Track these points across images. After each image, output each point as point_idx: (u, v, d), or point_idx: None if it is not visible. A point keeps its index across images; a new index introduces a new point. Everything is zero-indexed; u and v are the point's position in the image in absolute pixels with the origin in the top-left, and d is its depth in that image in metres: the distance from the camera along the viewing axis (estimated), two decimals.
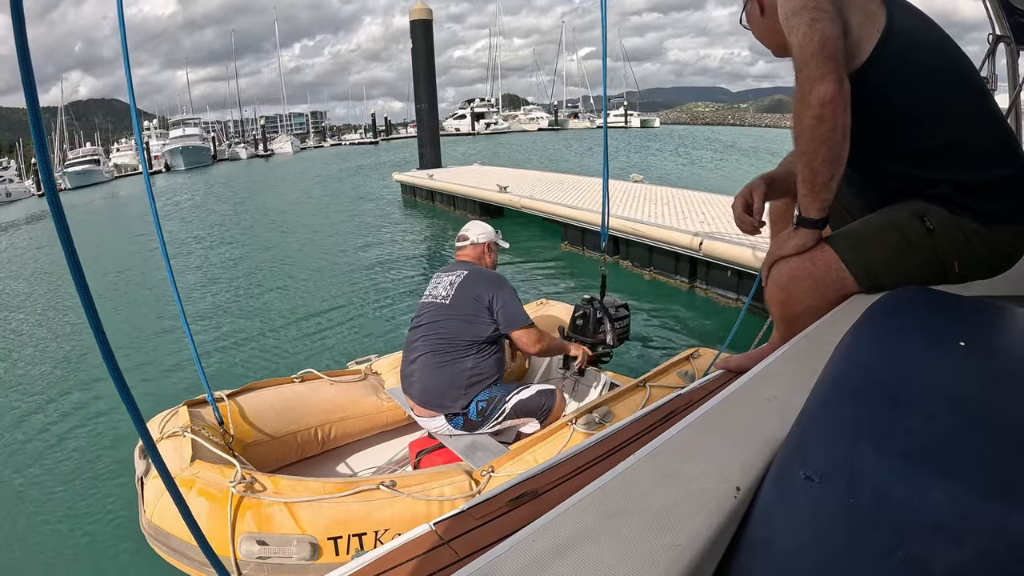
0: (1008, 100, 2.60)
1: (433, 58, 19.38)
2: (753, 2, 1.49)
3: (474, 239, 2.85)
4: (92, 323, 0.65)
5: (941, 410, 0.65)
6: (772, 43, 1.50)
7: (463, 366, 2.52)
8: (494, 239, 2.90)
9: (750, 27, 1.55)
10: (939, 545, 0.48)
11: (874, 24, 1.25)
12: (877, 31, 1.24)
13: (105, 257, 11.37)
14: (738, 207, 1.66)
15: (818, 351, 0.88)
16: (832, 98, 1.20)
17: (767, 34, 1.50)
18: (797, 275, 1.33)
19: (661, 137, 50.24)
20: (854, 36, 1.25)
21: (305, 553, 1.90)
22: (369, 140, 76.33)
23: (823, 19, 1.22)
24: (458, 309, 2.56)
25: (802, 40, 1.23)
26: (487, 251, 2.87)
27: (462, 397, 2.52)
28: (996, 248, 1.26)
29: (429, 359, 2.55)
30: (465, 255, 2.85)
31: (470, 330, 2.53)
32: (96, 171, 40.64)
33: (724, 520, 0.59)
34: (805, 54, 1.23)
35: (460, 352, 2.53)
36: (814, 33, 1.22)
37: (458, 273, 2.68)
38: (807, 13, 1.23)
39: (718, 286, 6.56)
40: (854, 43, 1.25)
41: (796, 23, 1.24)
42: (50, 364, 5.81)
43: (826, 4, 1.23)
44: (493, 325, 2.54)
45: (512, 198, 10.76)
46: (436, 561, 1.05)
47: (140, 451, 2.28)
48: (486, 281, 2.63)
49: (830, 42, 1.22)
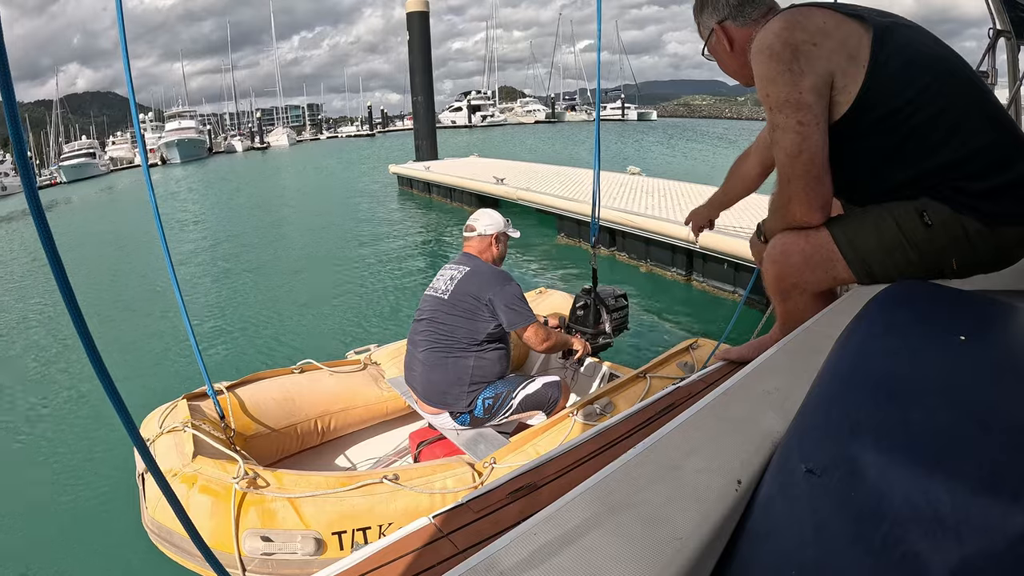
0: (1008, 95, 2.60)
1: (430, 50, 19.29)
2: (720, 37, 1.49)
3: (481, 230, 2.73)
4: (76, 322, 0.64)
5: (941, 404, 0.65)
6: (742, 77, 1.51)
7: (465, 364, 2.49)
8: (503, 229, 2.76)
9: (716, 60, 1.56)
10: (938, 539, 0.48)
11: (858, 62, 1.22)
12: (862, 68, 1.22)
13: (102, 250, 11.34)
14: (694, 229, 2.15)
15: (818, 344, 0.88)
16: (812, 224, 1.34)
17: (736, 69, 1.51)
18: (789, 250, 1.37)
19: (658, 130, 50.13)
20: (838, 84, 1.23)
21: (309, 548, 1.90)
22: (366, 133, 75.93)
23: (809, 124, 1.23)
24: (456, 306, 2.51)
25: (789, 152, 1.26)
26: (494, 243, 2.73)
27: (465, 396, 2.49)
28: (997, 248, 1.25)
29: (431, 355, 2.52)
30: (471, 247, 2.74)
31: (469, 327, 2.49)
32: (92, 164, 40.44)
33: (724, 513, 0.60)
34: (792, 171, 1.28)
35: (462, 349, 2.49)
36: (802, 150, 1.25)
37: (459, 268, 2.62)
38: (792, 113, 1.23)
39: (715, 278, 6.57)
40: (839, 90, 1.24)
41: (782, 123, 1.25)
42: (48, 358, 5.80)
43: (809, 95, 1.22)
44: (494, 322, 2.49)
45: (508, 190, 10.75)
46: (436, 554, 1.06)
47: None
48: (485, 279, 2.54)
49: (817, 161, 1.25)
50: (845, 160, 1.29)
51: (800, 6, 1.32)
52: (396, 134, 68.98)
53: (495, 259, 2.73)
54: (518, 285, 2.57)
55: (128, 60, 1.98)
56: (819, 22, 1.24)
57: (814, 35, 1.23)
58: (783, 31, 1.24)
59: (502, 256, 2.78)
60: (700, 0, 1.53)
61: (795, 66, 1.21)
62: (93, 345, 0.68)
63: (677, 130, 50.99)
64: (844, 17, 1.25)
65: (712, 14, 1.49)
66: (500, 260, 2.77)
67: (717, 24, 1.48)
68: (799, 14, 1.27)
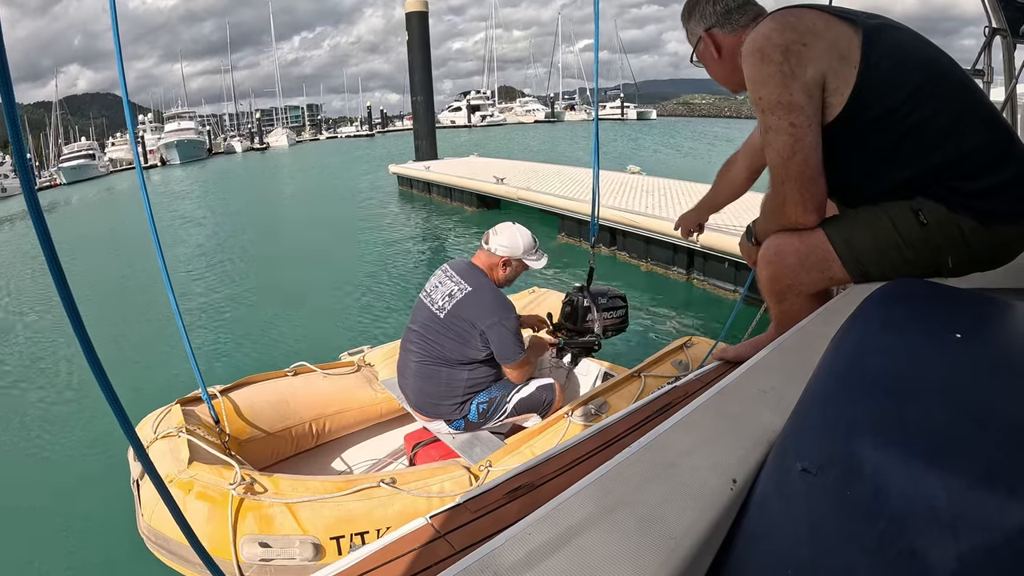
0: (1004, 93, 2.59)
1: (429, 50, 19.30)
2: (707, 44, 1.49)
3: (493, 247, 2.49)
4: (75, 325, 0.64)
5: (937, 402, 0.65)
6: (731, 84, 1.52)
7: (458, 377, 2.43)
8: (519, 257, 2.50)
9: (704, 67, 1.56)
10: (935, 537, 0.48)
11: (849, 63, 1.21)
12: (853, 69, 1.21)
13: (98, 252, 11.33)
14: (683, 233, 2.16)
15: (814, 342, 0.88)
16: (806, 225, 1.33)
17: (725, 76, 1.52)
18: (784, 251, 1.36)
19: (657, 129, 50.11)
20: (830, 86, 1.23)
21: (308, 554, 1.89)
22: (365, 133, 75.90)
23: (802, 125, 1.22)
24: (449, 328, 2.39)
25: (782, 154, 1.26)
26: (502, 266, 2.50)
27: (459, 406, 2.46)
28: (993, 246, 1.25)
29: (422, 367, 2.46)
30: (479, 259, 2.53)
31: (461, 349, 2.40)
32: (91, 166, 40.39)
33: (720, 512, 0.59)
34: (786, 173, 1.27)
35: (454, 365, 2.43)
36: (795, 151, 1.24)
37: (461, 286, 2.42)
38: (784, 115, 1.23)
39: (716, 277, 6.57)
40: (831, 92, 1.23)
41: (774, 124, 1.25)
42: (40, 363, 5.76)
43: (801, 96, 1.21)
44: (485, 351, 2.39)
45: (509, 190, 10.74)
46: (433, 554, 1.05)
47: (134, 453, 2.23)
48: (485, 308, 2.36)
49: (811, 162, 1.24)
50: (839, 162, 1.29)
51: (789, 8, 1.31)
52: (395, 134, 68.92)
53: (500, 281, 2.52)
54: (517, 318, 2.43)
55: (122, 61, 1.97)
56: (809, 23, 1.24)
57: (804, 36, 1.22)
58: (773, 33, 1.24)
59: (509, 281, 2.56)
60: (688, 8, 1.53)
61: (786, 67, 1.21)
62: (93, 351, 0.68)
63: (677, 128, 50.96)
64: (834, 18, 1.25)
65: (700, 22, 1.49)
66: (506, 284, 2.57)
67: (705, 32, 1.48)
68: (789, 15, 1.27)
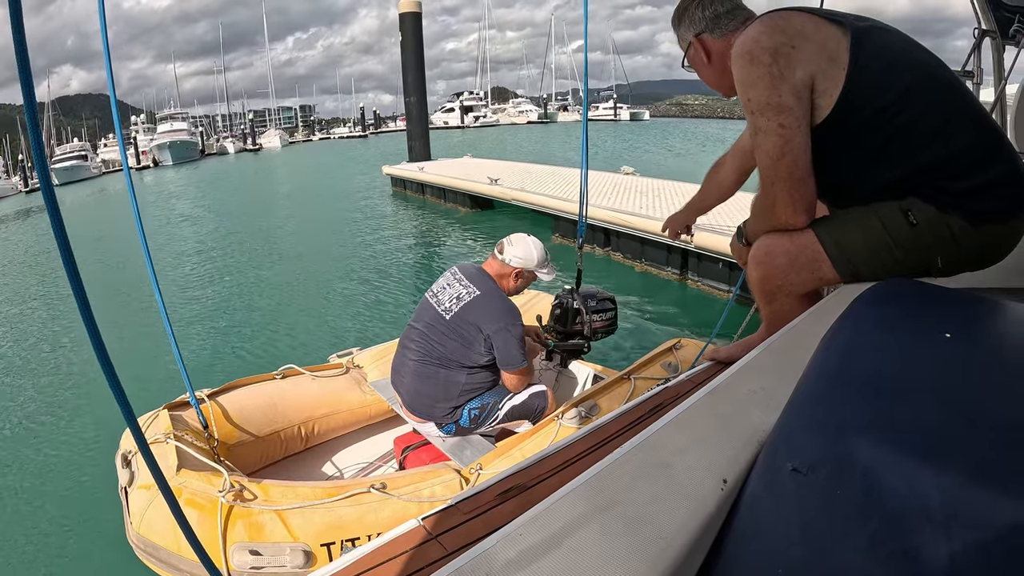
0: (994, 94, 2.61)
1: (422, 51, 19.26)
2: (697, 49, 1.50)
3: (507, 258, 2.53)
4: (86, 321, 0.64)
5: (928, 401, 0.65)
6: (721, 88, 1.52)
7: (456, 379, 2.43)
8: (532, 269, 2.55)
9: (696, 72, 1.57)
10: (927, 536, 0.48)
11: (838, 64, 1.22)
12: (842, 70, 1.22)
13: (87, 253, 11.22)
14: (671, 235, 2.16)
15: (804, 343, 0.88)
16: (796, 226, 1.33)
17: (716, 80, 1.52)
18: (774, 251, 1.37)
19: (650, 130, 50.23)
20: (819, 87, 1.23)
21: (299, 561, 1.87)
22: (358, 134, 75.67)
23: (791, 126, 1.23)
24: (454, 330, 2.40)
25: (772, 155, 1.26)
26: (514, 277, 2.54)
27: (453, 410, 2.45)
28: (982, 246, 1.25)
29: (421, 367, 2.45)
30: (491, 266, 2.56)
31: (464, 352, 2.40)
32: (84, 167, 40.09)
33: (711, 512, 0.59)
34: (775, 174, 1.28)
35: (454, 367, 2.43)
36: (784, 152, 1.24)
37: (470, 290, 2.43)
38: (774, 116, 1.23)
39: (710, 278, 6.58)
40: (820, 93, 1.24)
41: (763, 126, 1.25)
42: (31, 367, 5.71)
43: (790, 98, 1.22)
44: (488, 355, 2.40)
45: (503, 190, 10.73)
46: (425, 556, 1.05)
47: (122, 460, 2.18)
48: (494, 313, 2.38)
49: (800, 163, 1.25)
50: (828, 163, 1.29)
51: (778, 11, 1.32)
52: (389, 135, 68.78)
53: (509, 291, 2.57)
54: (522, 326, 2.45)
55: (110, 62, 1.96)
56: (797, 25, 1.25)
57: (793, 38, 1.23)
58: (762, 35, 1.25)
59: (518, 291, 2.62)
60: (678, 13, 1.53)
61: (775, 69, 1.22)
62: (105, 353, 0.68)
63: (670, 129, 51.08)
64: (823, 21, 1.26)
65: (689, 27, 1.50)
66: (515, 293, 2.61)
67: (695, 37, 1.49)
68: (778, 18, 1.28)
